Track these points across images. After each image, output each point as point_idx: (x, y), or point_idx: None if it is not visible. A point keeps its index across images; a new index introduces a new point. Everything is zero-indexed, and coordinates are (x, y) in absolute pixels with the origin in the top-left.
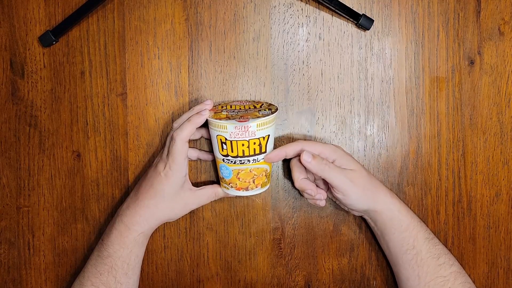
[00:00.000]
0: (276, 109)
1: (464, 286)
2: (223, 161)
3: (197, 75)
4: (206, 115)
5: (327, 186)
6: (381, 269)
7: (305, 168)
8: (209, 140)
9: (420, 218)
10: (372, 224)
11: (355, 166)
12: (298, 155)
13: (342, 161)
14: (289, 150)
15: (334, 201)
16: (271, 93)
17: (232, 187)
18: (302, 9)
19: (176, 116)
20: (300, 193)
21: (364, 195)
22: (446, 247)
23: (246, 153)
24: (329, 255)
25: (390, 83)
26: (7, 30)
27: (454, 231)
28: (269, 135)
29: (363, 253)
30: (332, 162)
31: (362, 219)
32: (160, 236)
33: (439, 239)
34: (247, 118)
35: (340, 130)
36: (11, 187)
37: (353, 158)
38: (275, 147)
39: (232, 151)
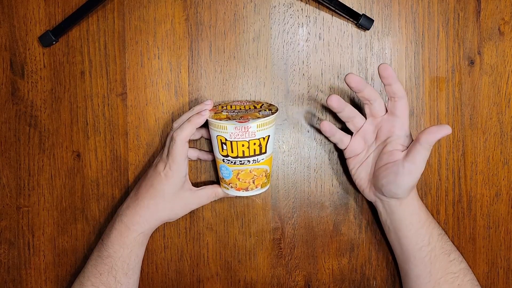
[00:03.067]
0: (277, 110)
1: (472, 283)
2: (223, 161)
3: (197, 75)
4: (206, 115)
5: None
6: (381, 269)
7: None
8: (209, 140)
9: None
10: (385, 217)
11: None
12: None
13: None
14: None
15: (334, 201)
16: (271, 93)
17: (232, 187)
18: (302, 9)
19: (176, 116)
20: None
21: (415, 183)
22: None
23: (246, 154)
24: (329, 255)
25: None
26: (7, 30)
27: (454, 231)
28: (269, 135)
29: (363, 253)
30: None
31: (365, 214)
32: (160, 236)
33: None
34: (247, 118)
35: None
36: (11, 187)
37: None
38: (274, 146)
39: (232, 152)
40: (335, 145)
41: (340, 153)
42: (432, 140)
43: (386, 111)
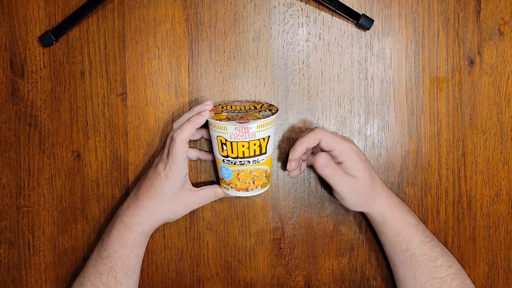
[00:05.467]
0: (277, 110)
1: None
2: (223, 161)
3: (197, 75)
4: (206, 115)
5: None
6: (381, 269)
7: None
8: (209, 141)
9: (420, 218)
10: (370, 221)
11: (360, 173)
12: None
13: (350, 165)
14: (310, 144)
15: (334, 201)
16: (271, 93)
17: (232, 187)
18: (302, 9)
19: (176, 116)
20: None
21: (360, 201)
22: (446, 247)
23: (246, 154)
24: (329, 255)
25: (390, 83)
26: (7, 30)
27: (454, 231)
28: (269, 136)
29: (363, 253)
30: (340, 163)
31: (363, 215)
32: (160, 236)
33: (439, 239)
34: (247, 119)
35: (340, 130)
36: (11, 187)
37: (363, 162)
38: (275, 146)
39: (232, 152)
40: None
41: None
42: (301, 153)
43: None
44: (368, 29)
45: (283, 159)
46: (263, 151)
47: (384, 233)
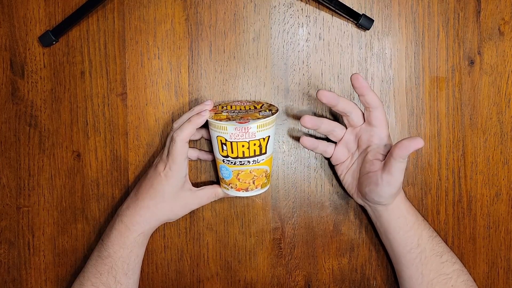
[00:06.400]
0: (277, 110)
1: (467, 284)
2: (223, 161)
3: (197, 75)
4: (206, 115)
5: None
6: (381, 269)
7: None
8: (209, 141)
9: None
10: (374, 219)
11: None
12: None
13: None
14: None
15: (334, 201)
16: (271, 93)
17: (232, 187)
18: (302, 9)
19: (176, 116)
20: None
21: (396, 193)
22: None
23: (246, 154)
24: (329, 255)
25: (390, 83)
26: (7, 30)
27: (454, 231)
28: (269, 136)
29: (363, 253)
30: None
31: (364, 214)
32: (160, 236)
33: None
34: (247, 119)
35: None
36: (11, 187)
37: None
38: (275, 146)
39: (232, 152)
40: None
41: None
42: (404, 154)
43: (364, 120)
44: (368, 29)
45: (284, 159)
46: (263, 151)
47: (397, 229)
